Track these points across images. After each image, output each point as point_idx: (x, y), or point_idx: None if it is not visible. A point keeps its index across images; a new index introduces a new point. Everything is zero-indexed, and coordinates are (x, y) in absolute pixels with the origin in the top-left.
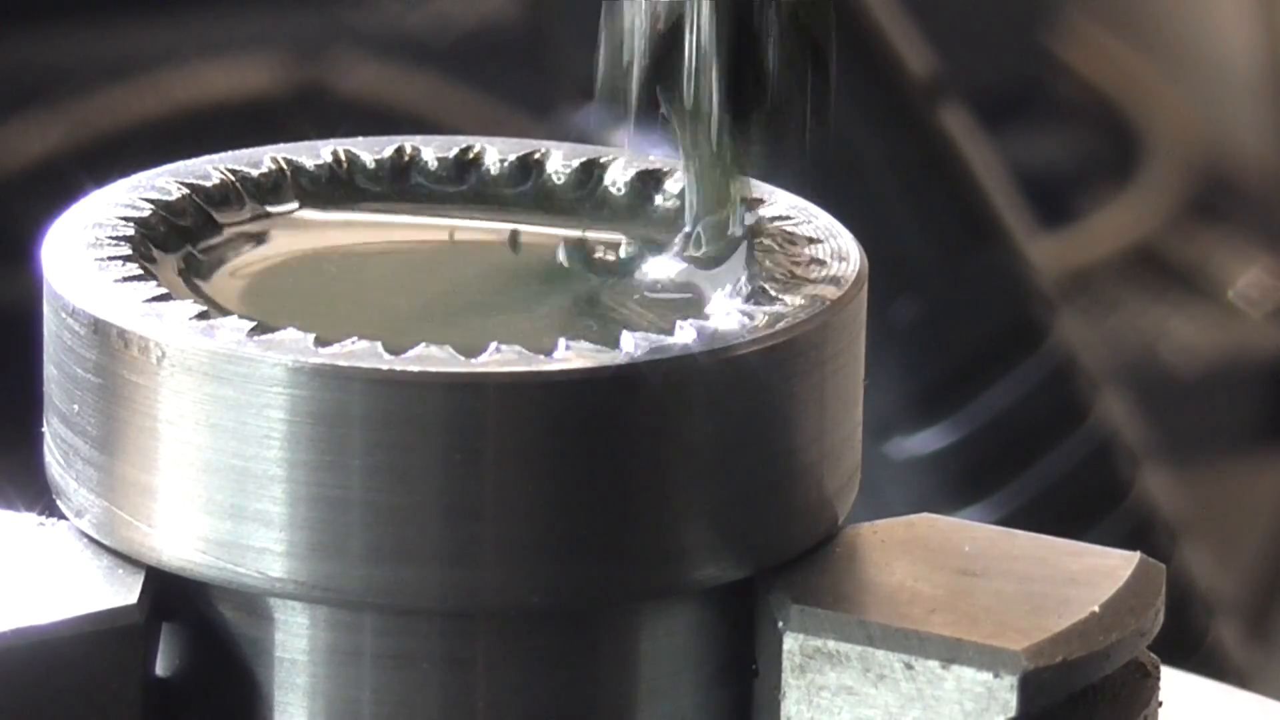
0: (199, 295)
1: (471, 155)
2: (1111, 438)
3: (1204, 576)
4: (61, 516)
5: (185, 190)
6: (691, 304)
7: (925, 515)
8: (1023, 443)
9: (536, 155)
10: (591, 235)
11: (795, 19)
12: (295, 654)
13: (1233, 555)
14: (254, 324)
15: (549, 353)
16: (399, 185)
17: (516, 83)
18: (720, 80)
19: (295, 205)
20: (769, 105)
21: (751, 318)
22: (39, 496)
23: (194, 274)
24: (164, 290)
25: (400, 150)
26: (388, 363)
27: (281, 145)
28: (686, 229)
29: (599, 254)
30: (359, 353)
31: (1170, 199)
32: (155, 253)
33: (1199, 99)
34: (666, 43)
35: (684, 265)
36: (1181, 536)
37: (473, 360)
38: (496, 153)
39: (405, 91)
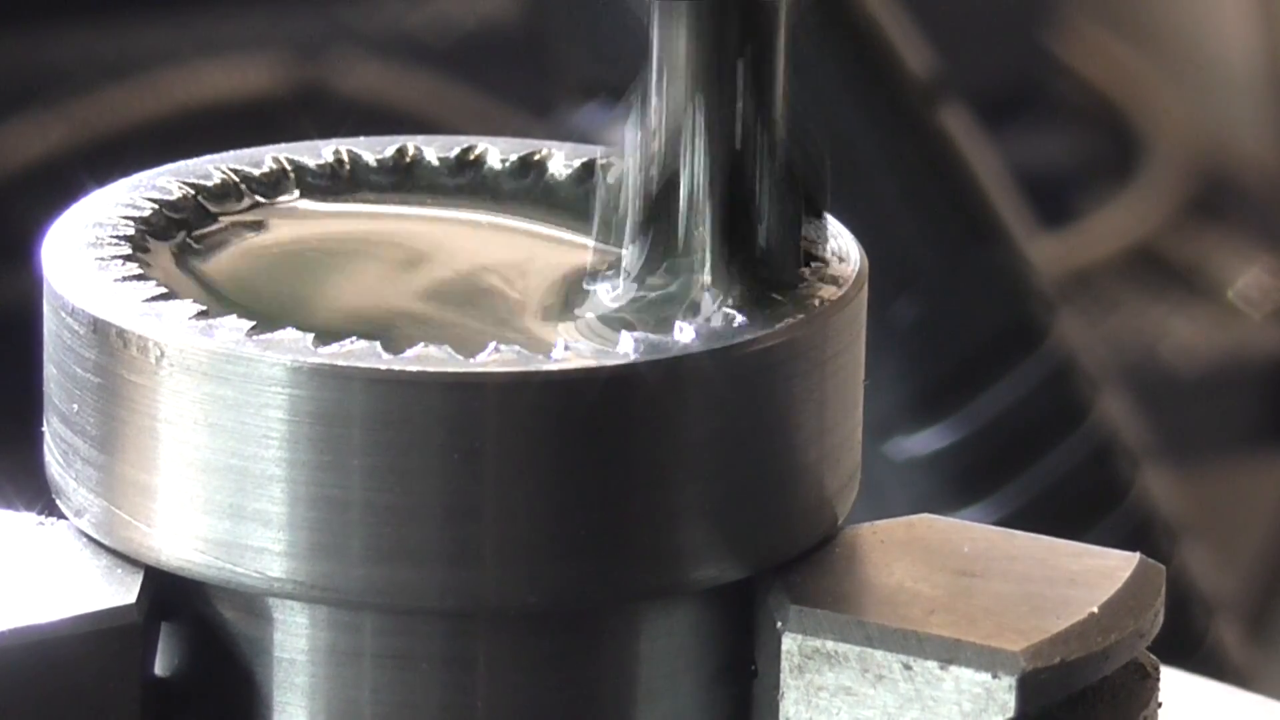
0: (195, 284)
1: (474, 155)
2: (1111, 438)
3: (1204, 576)
4: (61, 516)
5: (186, 190)
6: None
7: (925, 516)
8: (1023, 443)
9: (538, 155)
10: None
11: (789, 174)
12: (294, 654)
13: (1233, 555)
14: (253, 324)
15: (548, 353)
16: (400, 184)
17: (516, 83)
18: (713, 232)
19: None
20: (761, 253)
21: (750, 318)
22: (39, 496)
23: (189, 258)
24: (163, 290)
25: (402, 150)
26: (386, 362)
27: (283, 145)
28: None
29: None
30: (358, 352)
31: (1170, 199)
32: (152, 243)
33: (1199, 99)
34: (662, 196)
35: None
36: (1181, 536)
37: (471, 360)
38: (498, 152)
39: (405, 91)
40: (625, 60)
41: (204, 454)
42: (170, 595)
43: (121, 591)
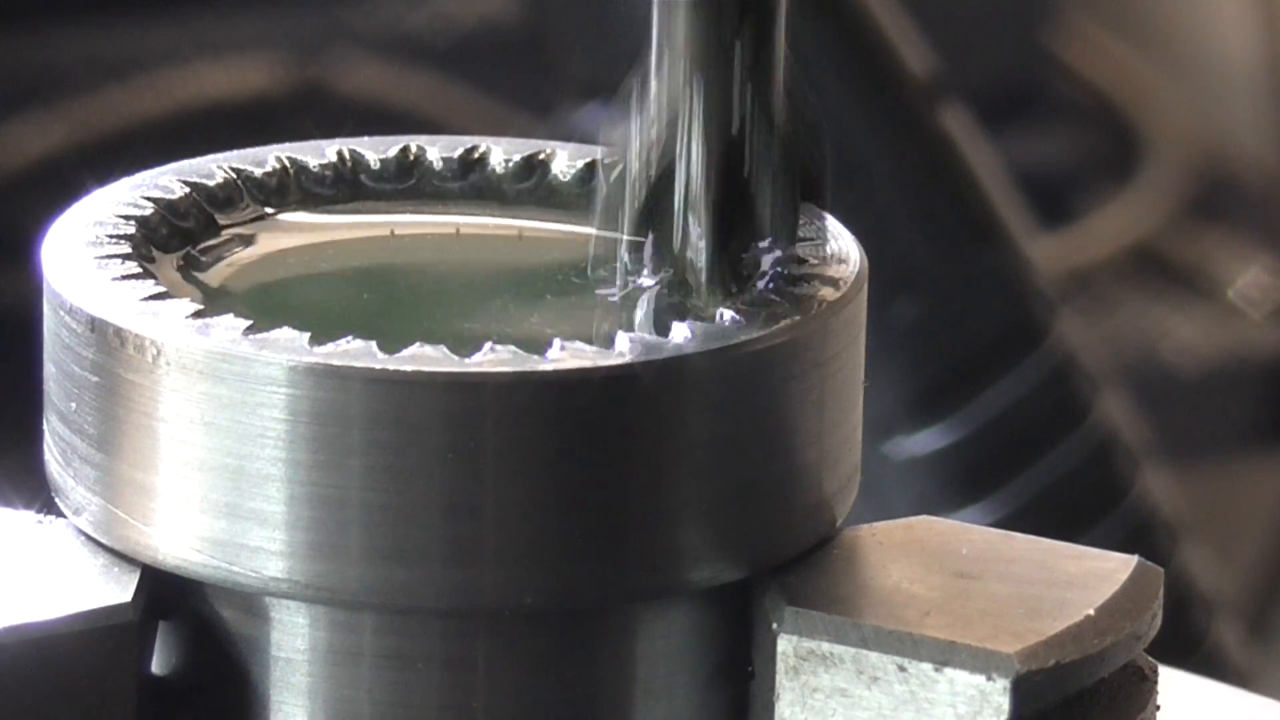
0: (199, 292)
1: (477, 155)
2: (1111, 438)
3: (1204, 576)
4: (60, 514)
5: (188, 189)
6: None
7: (924, 518)
8: (1023, 443)
9: (541, 155)
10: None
11: (787, 155)
12: (292, 653)
13: (1233, 555)
14: (249, 323)
15: (543, 352)
16: (403, 184)
17: (516, 83)
18: (709, 220)
19: (298, 205)
20: (759, 240)
21: (748, 319)
22: (38, 494)
23: (194, 271)
24: (161, 288)
25: (405, 150)
26: (381, 362)
27: (286, 145)
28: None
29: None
30: (353, 352)
31: (1170, 199)
32: (155, 252)
33: (1199, 99)
34: (662, 180)
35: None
36: (1181, 536)
37: (468, 360)
38: (502, 153)
39: (405, 91)
40: (626, 59)
41: (201, 453)
42: (168, 594)
43: (118, 590)
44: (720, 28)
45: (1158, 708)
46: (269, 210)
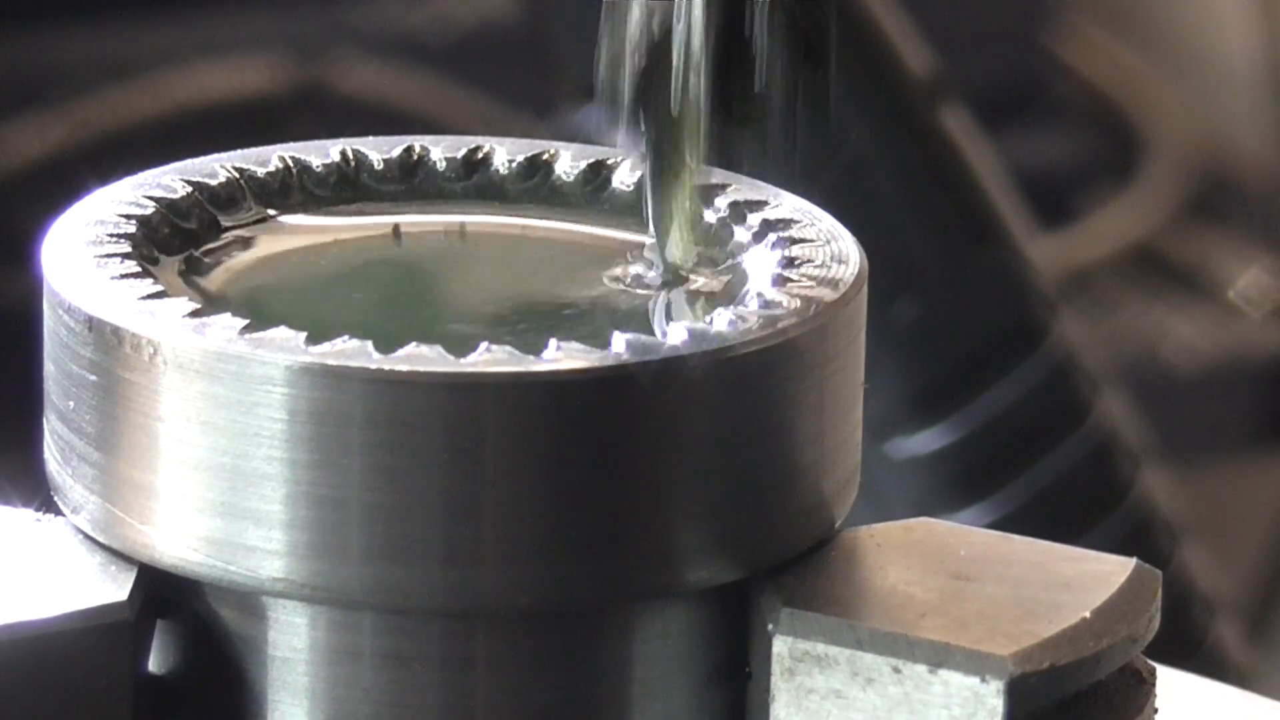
0: (199, 291)
1: (480, 155)
2: (1111, 438)
3: (1204, 577)
4: (59, 513)
5: (190, 189)
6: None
7: (923, 519)
8: (1023, 443)
9: (545, 155)
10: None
11: (790, 21)
12: (290, 653)
13: (1233, 555)
14: (246, 322)
15: (539, 353)
16: (407, 184)
17: (516, 83)
18: (708, 84)
19: (301, 205)
20: (758, 108)
21: (746, 320)
22: (37, 492)
23: (195, 272)
24: (159, 288)
25: (409, 150)
26: (378, 362)
27: (289, 144)
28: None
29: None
30: (349, 351)
31: (1170, 199)
32: (157, 253)
33: (1199, 99)
34: (661, 49)
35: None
36: (1181, 537)
37: (464, 360)
38: (505, 152)
39: (405, 91)
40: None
41: (198, 452)
42: (166, 593)
43: (114, 588)
44: None
45: (1155, 710)
46: (271, 212)
